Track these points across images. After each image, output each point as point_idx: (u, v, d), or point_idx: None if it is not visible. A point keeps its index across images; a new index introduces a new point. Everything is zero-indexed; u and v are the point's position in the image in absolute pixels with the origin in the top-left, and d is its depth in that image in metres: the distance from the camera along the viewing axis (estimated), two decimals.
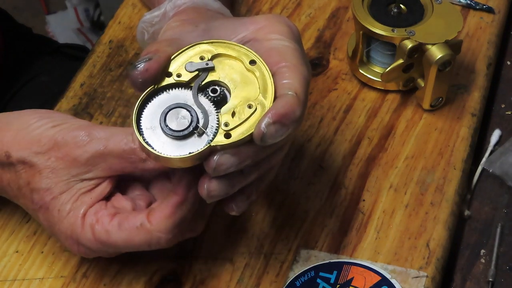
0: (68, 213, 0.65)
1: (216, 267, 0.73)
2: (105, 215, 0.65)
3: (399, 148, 0.80)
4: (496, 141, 0.82)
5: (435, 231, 0.74)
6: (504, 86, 0.87)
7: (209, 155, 0.60)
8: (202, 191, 0.61)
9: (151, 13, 0.76)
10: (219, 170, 0.60)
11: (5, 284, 0.72)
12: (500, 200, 0.78)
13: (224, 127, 0.60)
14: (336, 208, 0.76)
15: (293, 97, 0.59)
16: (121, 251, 0.68)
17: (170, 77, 0.62)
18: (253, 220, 0.75)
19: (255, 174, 0.63)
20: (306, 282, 0.70)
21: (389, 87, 0.84)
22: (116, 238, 0.64)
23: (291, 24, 0.65)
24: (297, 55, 0.62)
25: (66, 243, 0.67)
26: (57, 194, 0.65)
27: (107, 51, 0.91)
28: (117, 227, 0.64)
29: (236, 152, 0.60)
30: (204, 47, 0.63)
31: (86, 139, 0.66)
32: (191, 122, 0.60)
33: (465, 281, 0.72)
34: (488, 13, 0.91)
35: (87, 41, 2.14)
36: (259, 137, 0.58)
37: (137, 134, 0.60)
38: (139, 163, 0.65)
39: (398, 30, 0.79)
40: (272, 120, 0.58)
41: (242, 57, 0.63)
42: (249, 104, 0.61)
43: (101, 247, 0.65)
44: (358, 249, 0.73)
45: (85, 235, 0.65)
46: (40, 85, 1.11)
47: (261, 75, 0.62)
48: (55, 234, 0.68)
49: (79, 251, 0.67)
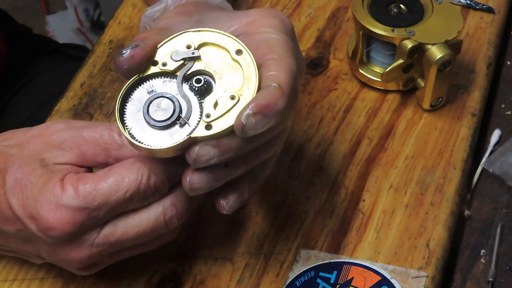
0: (43, 183, 0.61)
1: (216, 267, 0.73)
2: (86, 174, 0.62)
3: (399, 148, 0.80)
4: (496, 141, 0.82)
5: (435, 231, 0.74)
6: (504, 86, 0.87)
7: (190, 146, 0.59)
8: (185, 184, 0.60)
9: (153, 8, 0.76)
10: (199, 162, 0.59)
11: (5, 284, 0.72)
12: (500, 200, 0.78)
13: (205, 119, 0.59)
14: (336, 208, 0.76)
15: (276, 89, 0.58)
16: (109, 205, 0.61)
17: (155, 66, 0.61)
18: (253, 220, 0.75)
19: (241, 169, 0.62)
20: (306, 282, 0.70)
21: (389, 87, 0.84)
22: (103, 183, 0.60)
23: (284, 18, 0.64)
24: (286, 47, 0.62)
25: (43, 212, 0.61)
26: (30, 170, 0.63)
27: (107, 51, 0.91)
28: (105, 172, 0.61)
29: (217, 144, 0.59)
30: (191, 35, 0.62)
31: (62, 126, 0.65)
32: (173, 112, 0.60)
33: (465, 281, 0.72)
34: (488, 13, 0.91)
35: (87, 41, 2.14)
36: (240, 128, 0.58)
37: (119, 123, 0.60)
38: (114, 151, 0.63)
39: (398, 30, 0.79)
40: (253, 111, 0.57)
41: (228, 46, 0.62)
42: (232, 95, 0.60)
43: (86, 202, 0.60)
44: (358, 249, 0.73)
45: (67, 193, 0.60)
46: (40, 85, 1.11)
47: (247, 65, 0.61)
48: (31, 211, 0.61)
49: (58, 219, 0.60)
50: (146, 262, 0.72)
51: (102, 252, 0.64)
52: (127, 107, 0.61)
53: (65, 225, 0.61)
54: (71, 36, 2.15)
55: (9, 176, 0.63)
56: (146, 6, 0.94)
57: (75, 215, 0.61)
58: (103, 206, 0.61)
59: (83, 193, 0.60)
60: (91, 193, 0.60)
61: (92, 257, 0.64)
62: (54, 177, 0.62)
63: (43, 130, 0.65)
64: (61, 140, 0.64)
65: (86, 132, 0.64)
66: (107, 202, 0.61)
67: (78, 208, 0.61)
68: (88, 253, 0.64)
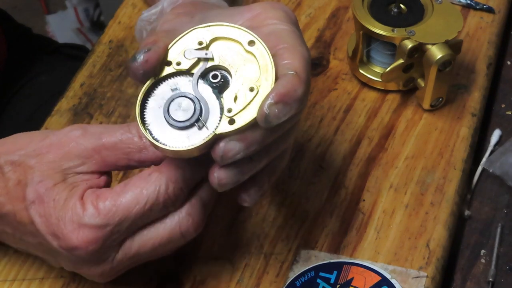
0: (65, 200, 0.62)
1: (216, 267, 0.72)
2: (104, 190, 0.62)
3: (399, 148, 0.80)
4: (496, 141, 0.82)
5: (435, 231, 0.74)
6: (504, 86, 0.87)
7: (214, 143, 0.59)
8: (213, 181, 0.60)
9: (149, 11, 0.76)
10: (227, 158, 0.59)
11: (5, 284, 0.72)
12: (500, 200, 0.78)
13: (227, 113, 0.59)
14: (336, 208, 0.76)
15: (294, 76, 0.59)
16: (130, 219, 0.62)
17: (169, 66, 0.61)
18: (253, 220, 0.75)
19: (265, 160, 0.62)
20: (306, 282, 0.70)
21: (389, 87, 0.84)
22: (122, 198, 0.61)
23: (287, 9, 0.64)
24: (295, 36, 0.62)
25: (66, 232, 0.61)
26: (51, 185, 0.63)
27: (107, 51, 0.91)
28: (122, 187, 0.62)
29: (242, 137, 0.59)
30: (201, 31, 0.62)
31: (80, 132, 0.64)
32: (194, 111, 0.59)
33: (465, 281, 0.72)
34: (488, 13, 0.91)
35: (87, 41, 2.14)
36: (263, 119, 0.58)
37: (141, 127, 0.59)
38: (135, 154, 0.63)
39: (398, 30, 0.79)
40: (274, 101, 0.57)
41: (240, 38, 0.61)
42: (250, 87, 0.60)
43: (107, 219, 0.61)
44: (358, 249, 0.73)
45: (88, 211, 0.61)
46: (40, 85, 1.11)
47: (261, 56, 0.60)
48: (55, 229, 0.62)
49: (82, 239, 0.61)
50: (146, 262, 0.72)
51: (122, 264, 0.65)
52: (146, 110, 0.60)
53: (88, 243, 0.61)
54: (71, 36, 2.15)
55: (30, 189, 0.63)
56: (146, 6, 0.94)
57: (97, 233, 0.61)
58: (124, 220, 0.61)
59: (104, 211, 0.61)
60: (111, 209, 0.61)
61: (112, 270, 0.65)
62: (75, 194, 0.62)
63: (61, 138, 0.64)
64: (81, 148, 0.64)
65: (105, 137, 0.64)
66: (128, 217, 0.61)
67: (100, 225, 0.61)
68: (109, 268, 0.65)
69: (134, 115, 0.60)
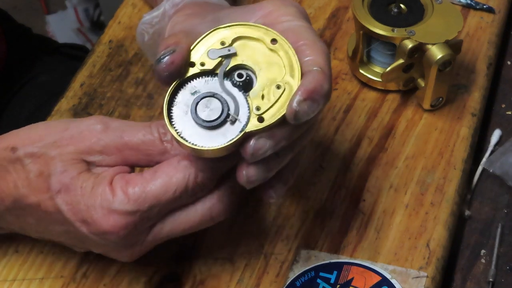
0: (92, 187, 0.62)
1: (216, 267, 0.72)
2: (133, 175, 0.62)
3: (399, 148, 0.80)
4: (496, 141, 0.82)
5: (435, 231, 0.74)
6: (505, 86, 0.87)
7: (244, 141, 0.59)
8: (241, 178, 0.60)
9: (150, 14, 0.76)
10: (257, 155, 0.59)
11: (5, 284, 0.72)
12: (500, 200, 0.78)
13: (256, 111, 0.59)
14: (336, 208, 0.76)
15: (320, 72, 0.59)
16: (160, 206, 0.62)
17: (194, 67, 0.61)
18: (253, 220, 0.75)
19: (289, 156, 0.62)
20: (306, 282, 0.70)
21: (389, 87, 0.84)
22: (152, 185, 0.61)
23: (297, 5, 0.65)
24: (312, 32, 0.62)
25: (96, 217, 0.62)
26: (76, 174, 0.63)
27: (107, 51, 0.91)
28: (152, 173, 0.62)
29: (271, 134, 0.59)
30: (222, 32, 0.62)
31: (101, 127, 0.64)
32: (222, 110, 0.60)
33: (465, 281, 0.72)
34: (488, 13, 0.91)
35: (87, 41, 2.14)
36: (292, 115, 0.58)
37: (169, 128, 0.59)
38: (156, 156, 0.64)
39: (398, 30, 0.79)
40: (303, 97, 0.58)
41: (262, 37, 0.62)
42: (277, 85, 0.60)
43: (138, 205, 0.61)
44: (358, 249, 0.73)
45: (118, 197, 0.61)
46: (40, 85, 1.11)
47: (285, 53, 0.61)
48: (84, 215, 0.62)
49: (112, 224, 0.61)
50: (146, 262, 0.72)
51: (151, 245, 0.66)
52: (173, 112, 0.60)
53: (119, 228, 0.62)
54: (71, 36, 2.15)
55: (54, 179, 0.63)
56: (146, 6, 0.94)
57: (128, 218, 0.62)
58: (154, 207, 0.62)
59: (134, 197, 0.61)
60: (141, 195, 0.61)
61: (141, 251, 0.66)
62: (103, 180, 0.62)
63: (82, 131, 0.64)
64: (102, 144, 0.64)
65: (126, 136, 0.64)
66: (157, 203, 0.62)
67: (130, 211, 0.61)
68: (138, 251, 0.66)
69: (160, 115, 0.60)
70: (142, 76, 0.88)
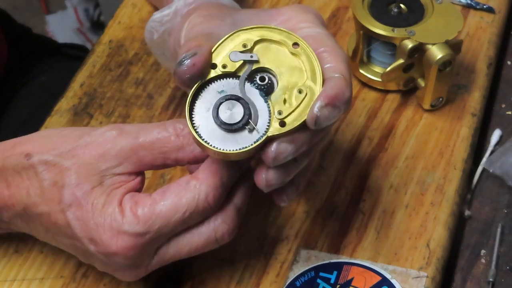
0: (103, 205, 0.62)
1: (216, 267, 0.72)
2: (143, 196, 0.62)
3: (399, 148, 0.80)
4: (496, 141, 0.82)
5: (435, 231, 0.74)
6: (505, 86, 0.87)
7: (265, 145, 0.59)
8: (260, 182, 0.60)
9: (161, 12, 0.75)
10: (279, 160, 0.59)
11: (5, 284, 0.72)
12: (500, 200, 0.78)
13: (278, 115, 0.59)
14: (336, 208, 0.76)
15: (341, 79, 0.59)
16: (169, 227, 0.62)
17: (215, 69, 0.61)
18: (253, 220, 0.75)
19: (306, 161, 0.63)
20: (306, 282, 0.70)
21: (389, 87, 0.84)
22: (161, 207, 0.61)
23: (316, 12, 0.65)
24: (332, 39, 0.63)
25: (105, 238, 0.61)
26: (89, 189, 0.62)
27: (107, 51, 0.91)
28: (161, 194, 0.62)
29: (292, 139, 0.59)
30: (243, 34, 0.62)
31: (115, 133, 0.64)
32: (244, 114, 0.59)
33: (465, 281, 0.72)
34: (489, 13, 0.91)
35: (87, 41, 2.14)
36: (313, 121, 0.58)
37: (191, 130, 0.59)
38: (172, 153, 0.63)
39: (398, 30, 0.79)
40: (325, 103, 0.58)
41: (284, 40, 0.61)
42: (299, 89, 0.60)
43: (147, 227, 0.61)
44: (358, 249, 0.73)
45: (127, 218, 0.61)
46: (40, 85, 1.11)
47: (307, 58, 0.61)
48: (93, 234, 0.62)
49: (121, 245, 0.61)
50: None
51: (156, 267, 0.65)
52: (194, 114, 0.60)
53: (127, 250, 0.62)
54: (71, 36, 2.15)
55: (67, 192, 0.63)
56: (146, 6, 0.94)
57: (137, 240, 0.61)
58: (164, 228, 0.62)
59: (143, 218, 0.61)
60: (151, 217, 0.61)
61: (146, 272, 0.66)
62: (113, 199, 0.62)
63: (97, 139, 0.64)
64: (118, 148, 0.63)
65: (141, 137, 0.63)
66: (167, 225, 0.62)
67: (139, 233, 0.61)
68: (143, 272, 0.65)
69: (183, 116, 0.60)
70: (142, 76, 0.88)
